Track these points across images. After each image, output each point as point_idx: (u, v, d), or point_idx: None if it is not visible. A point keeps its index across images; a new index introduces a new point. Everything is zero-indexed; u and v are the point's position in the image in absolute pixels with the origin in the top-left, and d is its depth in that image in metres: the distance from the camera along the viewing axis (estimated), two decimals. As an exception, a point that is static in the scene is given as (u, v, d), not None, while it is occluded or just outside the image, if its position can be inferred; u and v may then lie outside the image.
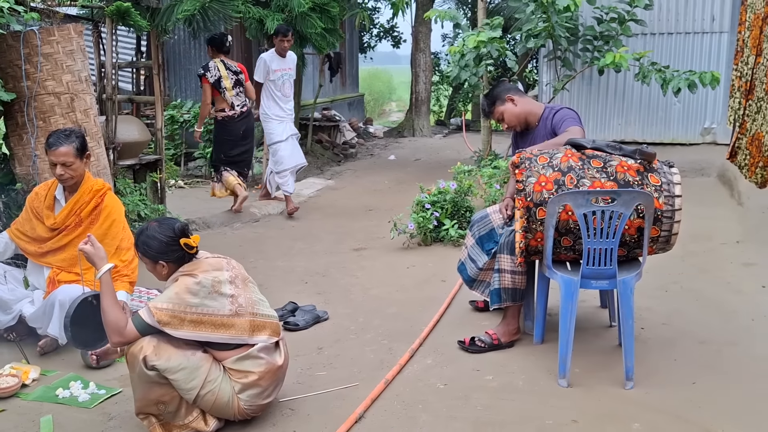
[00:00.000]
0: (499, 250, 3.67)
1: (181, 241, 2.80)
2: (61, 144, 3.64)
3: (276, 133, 7.20)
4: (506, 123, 3.97)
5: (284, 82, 7.13)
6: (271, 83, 7.08)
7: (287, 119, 7.28)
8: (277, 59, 7.07)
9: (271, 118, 7.18)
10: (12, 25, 4.30)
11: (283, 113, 7.21)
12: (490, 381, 3.31)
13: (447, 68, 18.97)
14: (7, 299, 3.73)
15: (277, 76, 7.07)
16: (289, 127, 7.27)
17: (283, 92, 7.15)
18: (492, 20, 7.53)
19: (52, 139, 3.68)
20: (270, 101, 7.16)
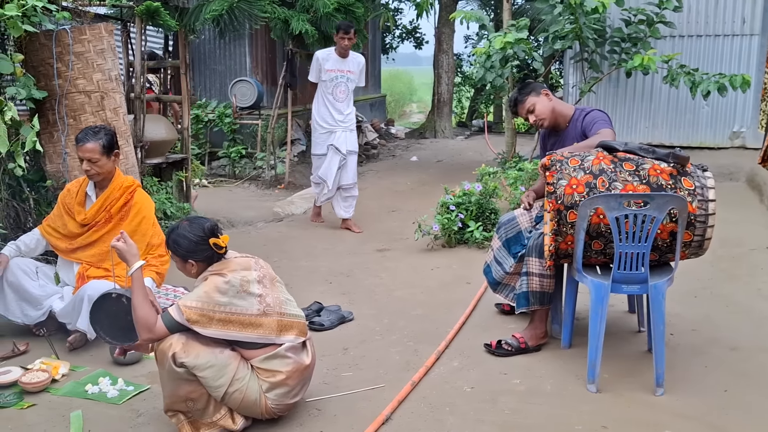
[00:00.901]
0: (527, 253, 3.64)
1: (210, 240, 2.81)
2: (88, 140, 3.70)
3: (317, 143, 6.54)
4: (536, 115, 3.85)
5: (337, 85, 6.35)
6: (322, 84, 6.38)
7: (337, 129, 6.44)
8: (333, 58, 6.33)
9: (318, 125, 6.48)
10: (44, 24, 4.36)
11: (332, 120, 6.41)
12: (518, 385, 3.28)
13: (471, 70, 18.98)
14: (37, 295, 3.78)
15: (330, 77, 6.32)
16: (335, 138, 6.43)
17: (334, 96, 6.37)
18: (518, 21, 7.49)
19: (80, 135, 3.76)
20: (320, 104, 6.45)
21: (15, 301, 3.78)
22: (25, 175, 4.23)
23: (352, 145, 6.52)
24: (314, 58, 6.36)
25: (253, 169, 10.00)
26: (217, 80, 10.88)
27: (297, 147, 10.70)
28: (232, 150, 10.05)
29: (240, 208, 7.42)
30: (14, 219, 4.43)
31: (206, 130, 10.32)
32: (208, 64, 10.91)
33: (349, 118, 6.49)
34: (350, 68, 6.39)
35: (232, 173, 10.04)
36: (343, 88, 6.38)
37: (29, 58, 4.37)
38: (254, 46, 10.96)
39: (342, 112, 6.43)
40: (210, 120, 10.29)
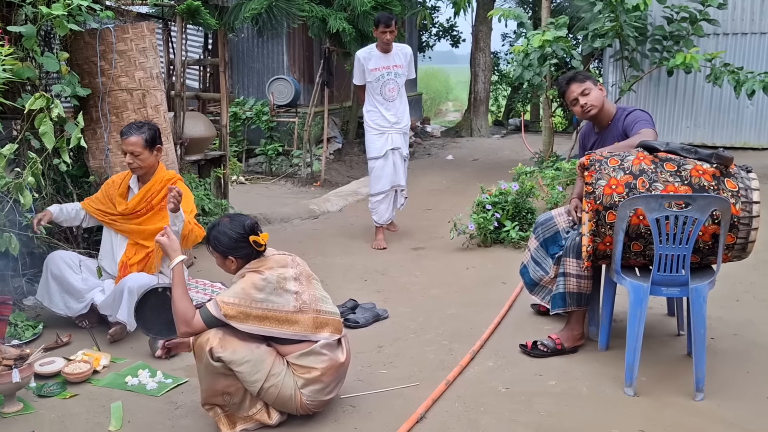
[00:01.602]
0: (565, 254, 3.60)
1: (250, 238, 2.84)
2: (132, 134, 3.84)
3: (373, 147, 5.96)
4: (589, 100, 3.71)
5: (385, 83, 5.81)
6: (369, 85, 5.87)
7: (391, 130, 5.91)
8: (376, 56, 5.80)
9: (370, 128, 5.95)
10: (89, 23, 4.45)
11: (385, 122, 5.88)
12: (553, 386, 3.25)
13: (508, 68, 18.82)
14: (80, 288, 3.88)
15: (376, 77, 5.80)
16: (391, 140, 5.92)
17: (384, 95, 5.84)
18: (557, 19, 7.41)
19: (125, 129, 3.91)
20: (370, 107, 5.94)
21: (58, 293, 3.88)
22: (69, 170, 4.33)
23: (405, 152, 6.04)
24: (356, 60, 5.87)
25: (290, 167, 10.09)
26: (254, 78, 11.00)
27: (333, 145, 10.76)
28: (269, 147, 10.16)
29: (276, 205, 7.49)
30: (58, 213, 4.53)
31: (244, 128, 10.44)
32: (246, 63, 11.04)
33: (404, 118, 5.95)
34: (396, 62, 5.83)
35: (269, 170, 10.15)
36: (392, 86, 5.83)
37: (74, 57, 4.47)
38: (291, 44, 11.06)
39: (395, 111, 5.90)
40: (247, 118, 10.41)
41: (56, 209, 4.00)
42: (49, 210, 3.95)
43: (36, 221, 3.83)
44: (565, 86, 3.81)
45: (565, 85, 3.82)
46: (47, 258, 3.92)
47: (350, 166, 10.63)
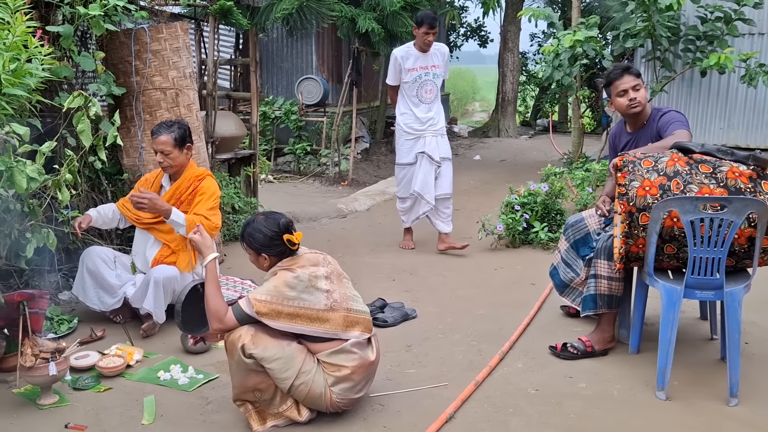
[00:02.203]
0: (596, 255, 3.57)
1: (284, 236, 2.87)
2: (162, 133, 3.90)
3: (403, 152, 5.67)
4: (637, 96, 3.63)
5: (423, 84, 5.51)
6: (404, 86, 5.56)
7: (426, 133, 5.58)
8: (414, 55, 5.48)
9: (403, 132, 5.64)
10: (124, 23, 4.52)
11: (419, 125, 5.56)
12: (584, 389, 3.23)
13: (537, 68, 18.70)
14: (114, 283, 3.95)
15: (413, 77, 5.50)
16: (424, 143, 5.58)
17: (420, 97, 5.54)
18: (588, 19, 7.34)
19: (155, 128, 3.97)
20: (403, 108, 5.62)
21: (93, 289, 3.95)
22: (104, 168, 4.41)
23: (445, 152, 5.67)
24: (392, 59, 5.55)
25: (318, 166, 10.14)
26: (284, 78, 11.08)
27: (361, 144, 10.80)
28: (298, 146, 10.22)
29: (304, 203, 7.53)
30: (93, 210, 4.62)
31: (273, 127, 10.52)
32: (275, 62, 11.13)
33: (439, 120, 5.64)
34: (435, 62, 5.53)
35: (297, 169, 10.22)
36: (430, 87, 5.54)
37: (109, 56, 4.54)
38: (320, 44, 11.11)
39: (430, 113, 5.59)
40: (276, 117, 10.49)
41: (94, 213, 4.05)
42: (89, 214, 4.01)
43: (77, 225, 3.89)
44: (619, 75, 3.65)
45: (619, 74, 3.65)
46: (83, 253, 3.99)
47: (378, 166, 10.66)
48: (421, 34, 5.42)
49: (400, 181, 5.80)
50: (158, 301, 3.77)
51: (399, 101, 5.66)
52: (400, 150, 5.73)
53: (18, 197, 3.04)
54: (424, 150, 5.58)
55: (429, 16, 5.46)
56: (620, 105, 3.68)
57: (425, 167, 5.61)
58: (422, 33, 5.40)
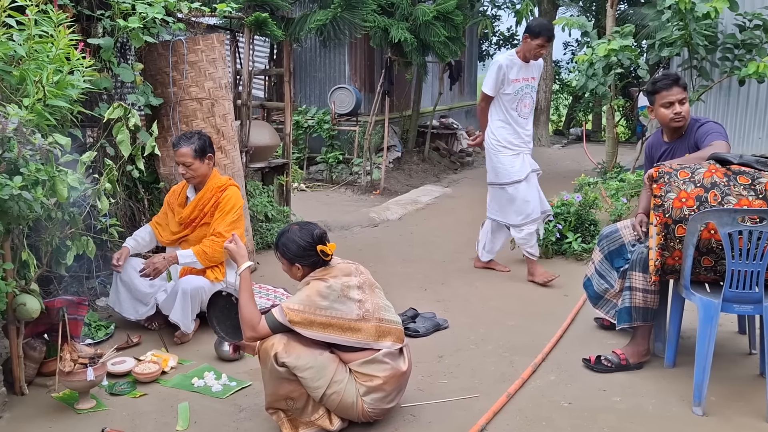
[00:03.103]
0: (631, 267, 3.52)
1: (318, 247, 2.89)
2: (182, 145, 3.95)
3: (512, 169, 5.06)
4: (683, 110, 3.57)
5: (523, 97, 5.05)
6: (504, 97, 5.02)
7: (525, 149, 5.14)
8: (518, 65, 4.99)
9: (503, 147, 5.08)
10: (162, 35, 4.62)
11: (520, 141, 5.09)
12: (618, 402, 3.19)
13: (570, 77, 18.57)
14: (146, 292, 4.02)
15: (515, 89, 5.01)
16: (528, 161, 5.14)
17: (519, 111, 5.06)
18: (622, 28, 7.28)
19: (175, 140, 4.02)
20: (500, 123, 5.08)
21: (128, 300, 4.03)
22: (141, 177, 4.49)
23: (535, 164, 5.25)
24: (496, 67, 4.98)
25: (350, 175, 10.19)
26: (316, 87, 11.16)
27: (393, 153, 10.82)
28: (330, 155, 10.29)
29: (336, 212, 7.57)
30: (130, 218, 4.71)
31: (305, 136, 10.61)
32: (308, 72, 11.22)
33: (531, 137, 5.23)
34: (534, 74, 5.10)
35: (329, 178, 10.28)
36: (528, 101, 5.09)
37: (148, 68, 4.64)
38: (353, 54, 11.18)
39: (528, 129, 5.15)
40: (309, 126, 10.58)
41: (131, 243, 4.13)
42: (125, 246, 4.09)
43: (116, 260, 3.97)
44: (669, 86, 3.57)
45: (668, 85, 3.57)
46: None
47: (409, 175, 10.67)
48: (534, 46, 4.89)
49: (520, 204, 5.06)
50: (185, 311, 3.81)
51: (493, 115, 5.11)
52: (502, 167, 5.08)
53: (59, 206, 3.12)
54: (535, 168, 5.17)
55: (547, 28, 4.96)
56: (663, 116, 3.63)
57: (538, 185, 5.17)
58: (536, 45, 4.88)
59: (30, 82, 3.02)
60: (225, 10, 5.08)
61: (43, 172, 2.71)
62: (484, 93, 5.08)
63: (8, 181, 2.49)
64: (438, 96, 12.12)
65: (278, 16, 5.89)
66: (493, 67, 5.03)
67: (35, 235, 3.33)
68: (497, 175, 5.15)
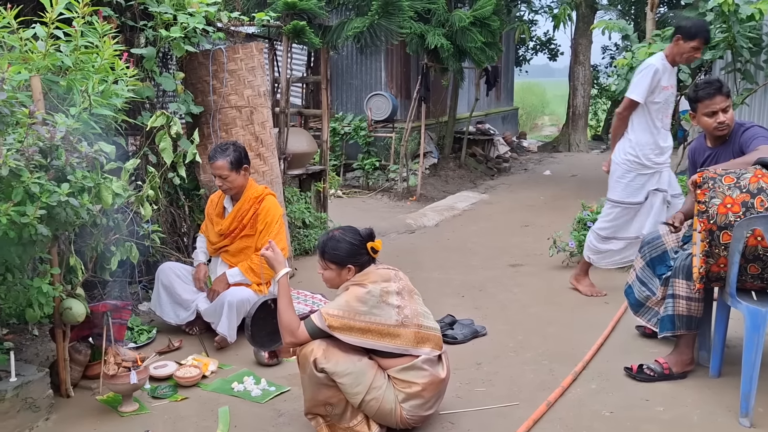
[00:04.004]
0: (674, 275, 3.45)
1: (368, 245, 2.91)
2: (218, 158, 3.96)
3: (631, 189, 4.65)
4: (726, 119, 3.50)
5: (668, 107, 4.58)
6: (651, 107, 4.51)
7: (663, 167, 4.65)
8: (669, 71, 4.48)
9: (638, 164, 4.59)
10: (202, 45, 4.70)
11: (659, 158, 4.60)
12: (661, 413, 3.12)
13: (609, 81, 18.32)
14: (187, 298, 4.08)
15: (665, 96, 4.51)
16: (658, 180, 4.64)
17: (663, 123, 4.57)
18: (663, 31, 7.15)
19: (211, 152, 4.03)
20: (643, 135, 4.55)
21: (169, 304, 4.09)
22: (182, 184, 4.57)
23: (677, 187, 4.78)
24: (652, 71, 4.42)
25: (386, 181, 10.21)
26: (353, 94, 11.22)
27: (429, 159, 10.81)
28: (366, 162, 10.33)
29: (373, 218, 7.58)
30: (171, 224, 4.79)
31: (342, 143, 10.67)
32: (345, 79, 11.29)
33: (671, 149, 4.71)
34: (674, 81, 4.62)
35: (366, 184, 10.31)
36: (671, 110, 4.64)
37: (188, 76, 4.72)
38: (389, 61, 11.22)
39: (669, 142, 4.65)
40: (346, 133, 10.64)
41: (203, 257, 4.24)
42: (201, 263, 4.20)
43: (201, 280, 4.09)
44: (711, 95, 3.48)
45: (711, 94, 3.49)
46: (158, 269, 4.13)
47: (446, 181, 10.64)
48: (688, 49, 4.36)
49: (614, 220, 4.75)
50: (231, 323, 3.85)
51: (635, 126, 4.59)
52: (626, 186, 4.66)
53: (104, 212, 3.19)
54: (659, 187, 4.65)
55: (704, 28, 4.38)
56: (707, 124, 3.57)
57: (657, 207, 4.67)
58: (690, 47, 4.35)
59: (76, 92, 3.10)
60: (263, 19, 5.16)
61: (89, 179, 2.78)
62: (630, 99, 4.50)
63: (56, 188, 2.56)
64: (474, 102, 12.08)
65: (315, 24, 5.95)
66: (647, 70, 4.44)
67: (80, 240, 3.41)
68: (616, 191, 4.73)
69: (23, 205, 2.45)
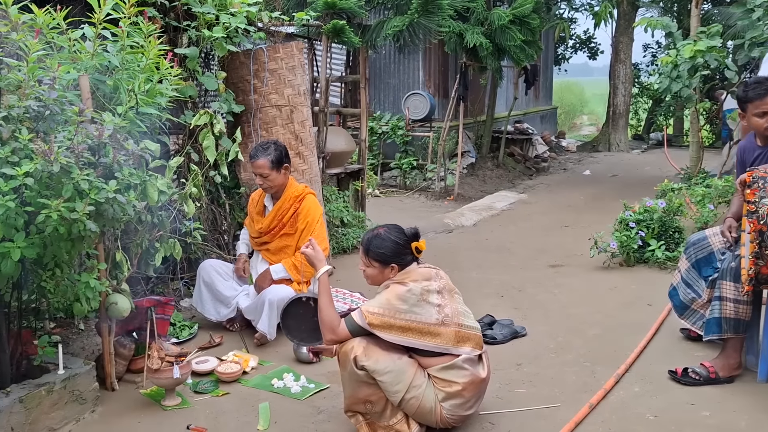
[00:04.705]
0: (721, 276, 3.37)
1: (412, 244, 2.90)
2: (259, 157, 3.98)
3: None
4: None
5: None
6: None
7: None
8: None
9: None
10: (243, 44, 4.75)
11: None
12: (707, 417, 3.05)
13: (652, 80, 18.00)
14: (227, 295, 4.12)
15: None
16: None
17: None
18: (709, 28, 7.00)
19: (252, 151, 4.05)
20: None
21: (210, 300, 4.14)
22: (223, 182, 4.62)
23: None
24: None
25: (423, 180, 10.18)
26: (390, 94, 11.23)
27: (467, 159, 10.76)
28: (404, 161, 10.32)
29: (410, 218, 7.56)
30: (212, 222, 4.85)
31: (380, 142, 10.68)
32: (382, 78, 11.30)
33: None
34: None
35: (403, 184, 10.30)
36: None
37: (230, 76, 4.77)
38: (427, 60, 11.20)
39: None
40: (383, 132, 10.65)
41: (245, 249, 4.31)
42: (242, 253, 4.26)
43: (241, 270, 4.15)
44: (762, 96, 3.41)
45: (762, 95, 3.40)
46: (199, 267, 4.19)
47: (483, 181, 10.58)
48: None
49: None
50: (272, 321, 3.87)
51: None
52: None
53: (149, 209, 3.24)
54: None
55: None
56: (758, 125, 3.48)
57: None
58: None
59: (123, 91, 3.16)
60: (303, 19, 5.19)
61: (136, 176, 2.83)
62: None
63: (104, 185, 2.61)
64: (513, 101, 11.98)
65: (355, 23, 5.96)
66: None
67: (125, 237, 3.48)
68: None
69: (73, 201, 2.51)
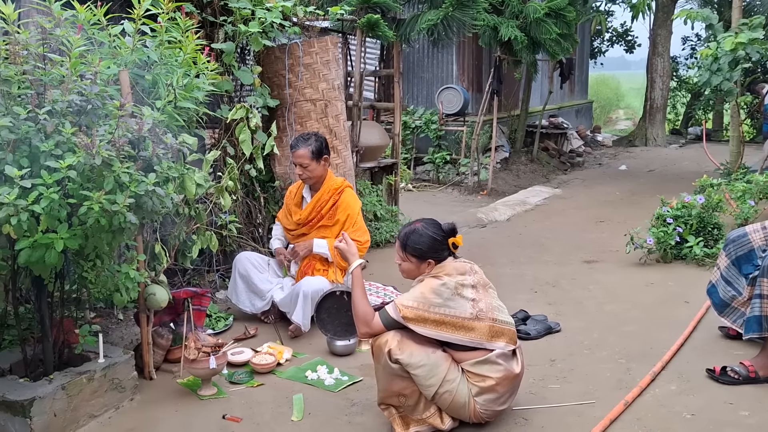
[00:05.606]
0: (762, 274, 3.31)
1: (449, 240, 2.90)
2: (299, 147, 4.03)
3: None
4: None
5: None
6: None
7: None
8: None
9: None
10: (279, 39, 4.78)
11: None
12: (746, 417, 2.99)
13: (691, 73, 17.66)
14: (263, 288, 4.17)
15: None
16: None
17: None
18: (751, 20, 6.84)
19: (293, 141, 4.11)
20: None
21: (245, 292, 4.19)
22: (258, 176, 4.67)
23: None
24: None
25: (456, 175, 10.15)
26: (424, 88, 11.21)
27: (500, 153, 10.69)
28: (437, 156, 10.29)
29: (443, 212, 7.55)
30: (247, 215, 4.91)
31: (413, 136, 10.67)
32: (416, 73, 11.28)
33: None
34: None
35: (436, 178, 10.28)
36: None
37: (265, 70, 4.82)
38: (461, 54, 11.14)
39: None
40: (417, 126, 10.63)
41: (280, 244, 4.34)
42: (279, 248, 4.30)
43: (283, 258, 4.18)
44: None
45: None
46: (235, 259, 4.24)
47: (517, 176, 10.50)
48: None
49: None
50: (306, 313, 3.91)
51: None
52: None
53: (186, 202, 3.29)
54: None
55: None
56: None
57: None
58: None
59: (161, 86, 3.21)
60: (338, 13, 5.21)
61: (174, 169, 2.87)
62: None
63: (144, 178, 2.66)
64: (548, 95, 11.86)
65: (389, 18, 5.96)
66: None
67: (163, 229, 3.54)
68: None
69: (113, 194, 2.56)
